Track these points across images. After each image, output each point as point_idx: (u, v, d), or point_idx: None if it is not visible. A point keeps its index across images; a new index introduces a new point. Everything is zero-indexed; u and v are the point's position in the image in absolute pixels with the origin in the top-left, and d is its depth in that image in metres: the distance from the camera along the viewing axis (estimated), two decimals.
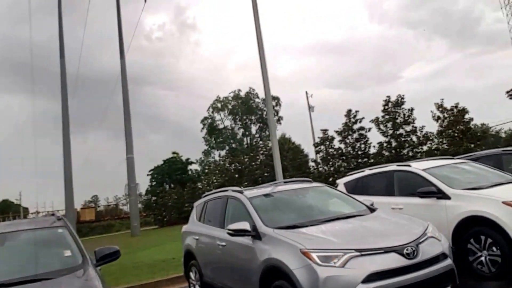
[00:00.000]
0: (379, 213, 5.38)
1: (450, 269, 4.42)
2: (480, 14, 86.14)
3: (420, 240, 4.44)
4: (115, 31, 32.39)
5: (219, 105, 51.63)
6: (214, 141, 50.86)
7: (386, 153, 29.07)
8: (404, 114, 28.73)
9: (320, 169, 33.44)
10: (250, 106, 50.87)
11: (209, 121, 51.62)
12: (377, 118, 29.64)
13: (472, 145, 22.56)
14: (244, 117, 50.99)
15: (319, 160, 33.88)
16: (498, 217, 5.71)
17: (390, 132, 28.95)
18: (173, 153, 46.44)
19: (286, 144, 39.26)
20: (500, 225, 5.68)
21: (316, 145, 34.46)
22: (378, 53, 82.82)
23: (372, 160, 29.15)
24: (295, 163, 36.02)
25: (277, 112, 51.90)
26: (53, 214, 5.27)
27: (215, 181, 37.61)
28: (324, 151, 32.86)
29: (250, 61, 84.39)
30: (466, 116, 25.00)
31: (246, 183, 34.65)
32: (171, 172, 44.45)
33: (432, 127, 27.92)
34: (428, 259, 4.31)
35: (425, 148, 26.90)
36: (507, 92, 22.73)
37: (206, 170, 42.56)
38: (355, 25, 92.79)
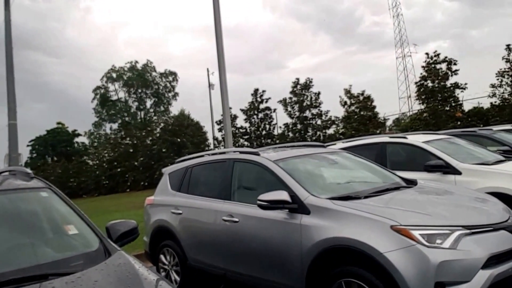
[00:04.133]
0: (432, 185, 4.56)
1: None
2: (360, 16, 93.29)
3: None
4: None
5: (114, 75, 47.33)
6: (106, 113, 46.57)
7: (291, 135, 29.34)
8: (311, 98, 29.18)
9: (222, 147, 32.79)
10: (147, 79, 47.64)
11: (102, 91, 47.11)
12: (284, 99, 29.70)
13: (378, 131, 23.61)
14: (140, 90, 47.58)
15: (220, 138, 33.20)
16: None
17: (297, 114, 29.24)
18: (58, 123, 41.58)
19: (185, 120, 37.56)
20: None
21: (218, 122, 33.80)
22: (267, 41, 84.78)
23: (277, 141, 29.21)
24: (194, 139, 34.69)
25: (173, 87, 49.68)
26: (10, 171, 3.32)
27: (106, 155, 34.58)
28: None
29: (143, 35, 79.53)
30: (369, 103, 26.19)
31: (141, 158, 32.53)
32: (55, 144, 39.82)
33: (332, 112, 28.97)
34: None
35: (330, 131, 27.63)
36: (416, 83, 24.23)
37: (96, 144, 38.94)
38: (249, 11, 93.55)
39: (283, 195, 3.82)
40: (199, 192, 5.10)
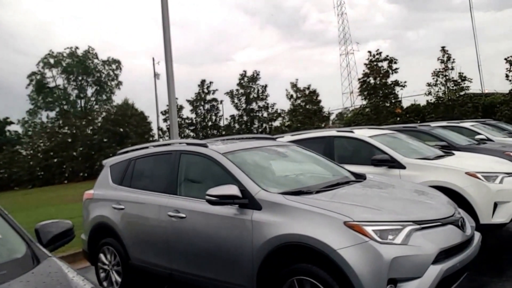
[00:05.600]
0: (380, 179, 4.58)
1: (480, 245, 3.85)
2: (307, 13, 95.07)
3: (459, 210, 3.78)
4: None
5: (51, 60, 44.57)
6: (42, 101, 43.90)
7: (237, 126, 29.27)
8: (258, 90, 29.19)
9: (167, 138, 32.19)
10: (88, 66, 45.42)
11: (38, 77, 44.24)
12: (231, 91, 29.53)
13: (323, 124, 24.07)
14: (80, 78, 45.29)
15: (165, 129, 32.58)
16: (462, 188, 5.49)
17: (244, 106, 29.17)
18: None
19: (129, 110, 36.41)
20: (463, 196, 5.47)
21: (163, 112, 33.14)
22: (215, 33, 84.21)
23: (224, 132, 29.05)
24: (138, 130, 33.74)
25: (117, 76, 47.91)
26: None
27: (42, 145, 32.82)
28: None
29: (85, 21, 75.93)
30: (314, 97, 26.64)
31: (81, 148, 31.24)
32: None
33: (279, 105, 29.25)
34: (472, 232, 3.67)
35: (276, 123, 27.83)
36: (359, 79, 24.88)
37: (30, 132, 36.78)
38: (197, 3, 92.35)
39: (232, 190, 3.65)
40: (143, 186, 4.81)
